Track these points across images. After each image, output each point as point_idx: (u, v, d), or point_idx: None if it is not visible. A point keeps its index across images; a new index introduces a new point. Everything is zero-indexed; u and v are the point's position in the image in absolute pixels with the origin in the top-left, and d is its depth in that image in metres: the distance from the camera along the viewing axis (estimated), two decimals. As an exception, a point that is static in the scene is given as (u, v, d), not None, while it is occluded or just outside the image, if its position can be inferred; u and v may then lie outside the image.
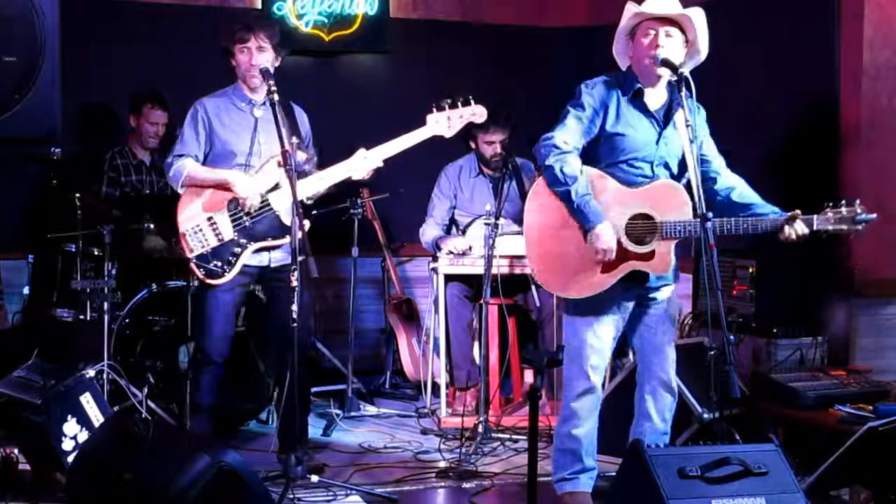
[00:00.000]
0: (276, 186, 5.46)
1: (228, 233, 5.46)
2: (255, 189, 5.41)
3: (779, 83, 6.84)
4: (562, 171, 4.64)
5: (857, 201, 4.67)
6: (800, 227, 4.63)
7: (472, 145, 7.11)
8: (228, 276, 5.45)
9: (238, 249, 5.46)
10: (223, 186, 5.45)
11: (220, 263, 5.44)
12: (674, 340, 5.04)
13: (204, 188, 5.49)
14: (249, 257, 5.49)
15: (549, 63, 8.58)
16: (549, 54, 8.64)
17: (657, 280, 4.84)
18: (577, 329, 4.91)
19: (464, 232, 6.98)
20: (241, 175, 5.44)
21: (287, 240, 5.43)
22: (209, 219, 5.47)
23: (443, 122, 5.55)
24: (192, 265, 5.46)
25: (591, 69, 4.96)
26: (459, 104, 5.57)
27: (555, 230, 4.79)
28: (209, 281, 5.46)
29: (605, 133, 4.79)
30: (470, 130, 6.90)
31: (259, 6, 8.03)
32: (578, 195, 4.64)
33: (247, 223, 5.45)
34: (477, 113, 5.61)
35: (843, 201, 4.68)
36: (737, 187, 4.89)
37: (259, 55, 5.48)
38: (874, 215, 4.68)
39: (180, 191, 5.56)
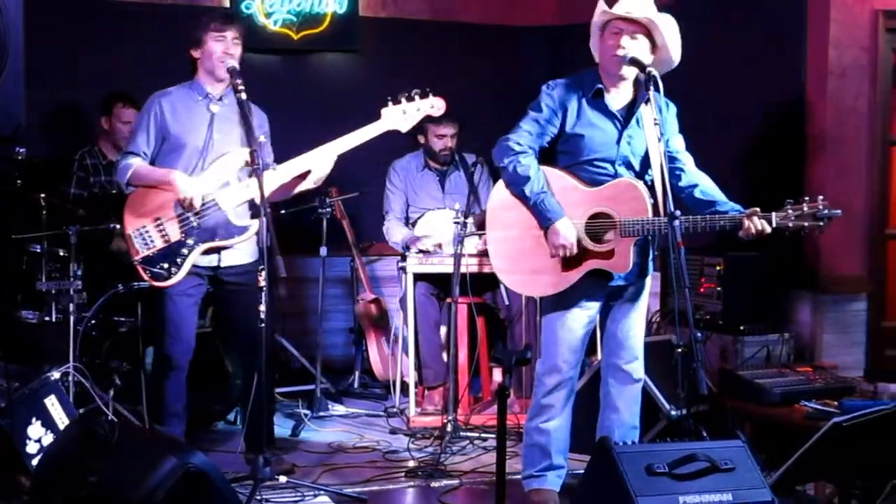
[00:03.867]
0: (226, 185, 5.41)
1: (175, 234, 5.38)
2: (197, 189, 5.33)
3: (747, 83, 6.88)
4: (515, 170, 4.73)
5: (821, 198, 4.64)
6: (758, 224, 4.61)
7: (422, 139, 7.16)
8: (175, 279, 5.37)
9: (185, 251, 5.37)
10: (167, 186, 5.38)
11: (166, 265, 5.36)
12: (642, 334, 5.05)
13: (150, 189, 5.41)
14: (198, 258, 5.42)
15: (519, 62, 8.59)
16: (520, 53, 8.65)
17: (620, 277, 4.86)
18: (550, 325, 4.94)
19: (413, 225, 7.04)
20: (181, 175, 5.35)
21: (235, 240, 5.40)
22: (156, 220, 5.38)
23: (398, 116, 5.50)
24: (139, 267, 5.39)
25: (561, 68, 4.99)
26: (416, 97, 5.54)
27: (517, 230, 4.85)
28: (156, 283, 5.38)
29: (565, 134, 4.83)
30: (420, 124, 6.93)
31: (228, 4, 8.00)
32: (534, 192, 4.72)
33: (194, 223, 5.38)
34: (435, 105, 5.58)
35: (806, 198, 4.66)
36: (700, 184, 4.89)
37: (234, 47, 5.43)
38: (838, 211, 4.64)
39: (127, 190, 5.50)
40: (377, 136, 5.52)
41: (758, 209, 4.63)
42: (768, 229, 4.63)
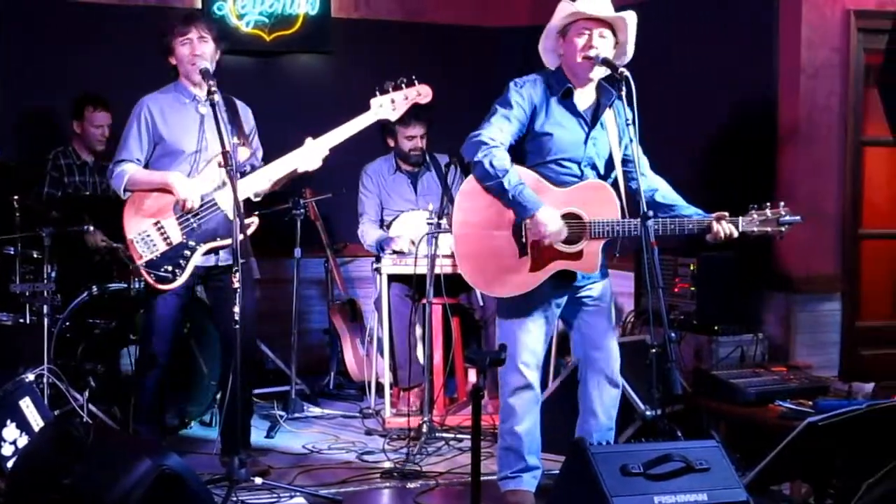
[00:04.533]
0: (223, 185, 5.40)
1: (177, 236, 5.38)
2: (196, 190, 5.34)
3: (719, 82, 6.90)
4: (491, 164, 4.65)
5: (782, 203, 4.73)
6: (727, 228, 4.69)
7: (391, 142, 7.17)
8: (180, 280, 5.38)
9: (188, 252, 5.38)
10: (165, 189, 5.38)
11: (170, 268, 5.36)
12: (615, 335, 5.06)
13: (148, 192, 5.40)
14: (199, 259, 5.43)
15: (491, 63, 8.60)
16: (492, 54, 8.65)
17: (584, 278, 4.87)
18: (509, 327, 4.93)
19: (388, 227, 7.05)
20: (180, 177, 5.36)
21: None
22: (156, 223, 5.38)
23: (387, 106, 5.52)
24: (143, 272, 5.37)
25: (533, 69, 4.98)
26: (403, 85, 5.54)
27: (484, 229, 4.80)
28: (161, 286, 5.37)
29: (533, 132, 4.81)
30: (389, 127, 6.93)
31: (199, 6, 7.98)
32: (511, 185, 4.65)
33: (194, 224, 5.38)
34: (422, 93, 5.59)
35: (768, 203, 4.74)
36: (659, 188, 4.93)
37: (201, 45, 5.41)
38: (798, 217, 4.73)
39: (124, 196, 5.48)
40: (351, 138, 5.52)
41: (725, 213, 4.69)
42: (736, 234, 4.72)
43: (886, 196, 6.89)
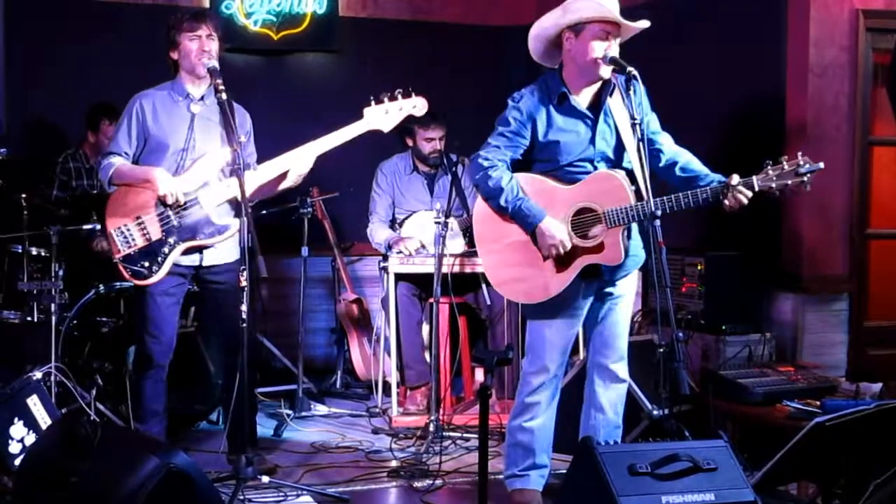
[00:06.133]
0: (206, 184, 5.39)
1: (156, 232, 5.35)
2: (178, 188, 5.31)
3: (726, 81, 6.88)
4: (487, 184, 4.74)
5: (800, 153, 4.57)
6: (742, 192, 4.58)
7: (410, 142, 7.15)
8: (156, 277, 5.35)
9: (166, 249, 5.36)
10: (148, 184, 5.36)
11: (147, 264, 5.34)
12: (627, 334, 5.06)
13: (133, 187, 5.38)
14: (179, 257, 5.40)
15: (498, 62, 8.60)
16: (498, 53, 8.65)
17: (614, 272, 4.85)
18: (537, 324, 4.93)
19: (401, 225, 7.06)
20: (163, 173, 5.33)
21: (216, 239, 5.39)
22: (137, 218, 5.35)
23: (380, 116, 5.48)
24: (119, 266, 5.37)
25: (541, 68, 4.97)
26: (399, 96, 5.51)
27: (503, 239, 4.84)
28: (136, 282, 5.37)
29: (538, 143, 4.80)
30: (408, 127, 6.90)
31: (207, 4, 7.98)
32: (510, 201, 4.71)
33: (174, 222, 5.36)
34: (417, 105, 5.55)
35: (784, 157, 4.58)
36: (679, 161, 4.87)
37: (209, 42, 5.40)
38: (821, 164, 4.55)
39: (109, 189, 5.48)
40: (359, 137, 5.51)
41: (735, 175, 4.59)
42: (749, 194, 4.58)
43: (894, 196, 6.87)
